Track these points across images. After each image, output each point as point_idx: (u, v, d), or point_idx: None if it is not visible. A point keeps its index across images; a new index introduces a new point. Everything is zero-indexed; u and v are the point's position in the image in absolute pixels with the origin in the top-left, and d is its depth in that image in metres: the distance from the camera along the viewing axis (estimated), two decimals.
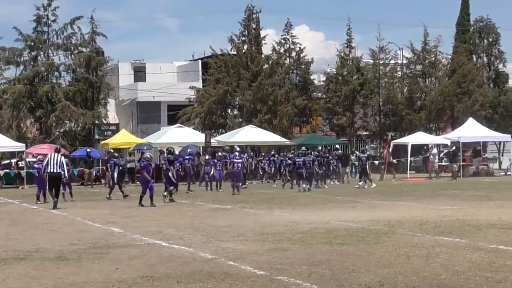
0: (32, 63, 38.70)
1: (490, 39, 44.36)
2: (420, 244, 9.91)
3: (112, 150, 30.33)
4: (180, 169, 22.87)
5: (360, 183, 25.23)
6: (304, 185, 22.90)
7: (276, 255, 9.43)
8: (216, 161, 24.95)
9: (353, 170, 30.78)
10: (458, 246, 9.34)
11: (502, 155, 37.80)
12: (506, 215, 14.05)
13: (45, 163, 19.66)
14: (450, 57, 44.33)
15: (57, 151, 20.02)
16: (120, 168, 24.12)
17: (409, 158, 33.53)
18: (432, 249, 9.35)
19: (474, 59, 44.38)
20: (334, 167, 27.80)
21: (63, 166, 18.67)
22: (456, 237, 10.42)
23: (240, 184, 22.92)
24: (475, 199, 18.64)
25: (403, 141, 35.45)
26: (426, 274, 7.48)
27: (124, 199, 20.36)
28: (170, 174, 20.36)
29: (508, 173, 34.57)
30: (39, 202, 19.07)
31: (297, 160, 23.67)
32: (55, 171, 18.27)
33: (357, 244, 10.38)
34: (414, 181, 29.70)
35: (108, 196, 20.93)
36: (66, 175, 19.49)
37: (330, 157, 27.33)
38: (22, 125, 38.42)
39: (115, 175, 22.19)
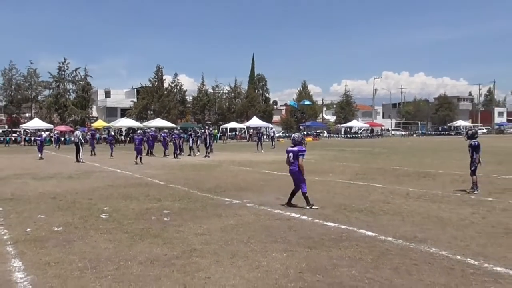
0: (56, 88, 58.54)
1: (263, 83, 71.21)
2: (232, 170, 14.24)
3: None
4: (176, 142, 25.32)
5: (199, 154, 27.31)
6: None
7: (170, 176, 12.62)
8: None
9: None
10: (248, 171, 13.17)
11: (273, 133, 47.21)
12: (271, 157, 20.66)
13: (72, 137, 24.43)
14: (246, 90, 68.77)
15: (77, 129, 24.26)
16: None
17: (228, 133, 55.62)
18: (238, 172, 13.49)
19: (256, 91, 69.17)
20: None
21: (79, 138, 22.09)
22: (247, 167, 14.97)
23: (178, 151, 25.04)
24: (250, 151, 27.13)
25: (226, 126, 57.49)
26: (234, 182, 11.31)
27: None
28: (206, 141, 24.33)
29: (277, 141, 46.34)
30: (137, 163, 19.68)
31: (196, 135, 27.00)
32: (76, 141, 21.81)
33: (206, 170, 14.49)
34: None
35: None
36: (83, 141, 22.23)
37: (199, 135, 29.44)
38: (51, 116, 56.92)
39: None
